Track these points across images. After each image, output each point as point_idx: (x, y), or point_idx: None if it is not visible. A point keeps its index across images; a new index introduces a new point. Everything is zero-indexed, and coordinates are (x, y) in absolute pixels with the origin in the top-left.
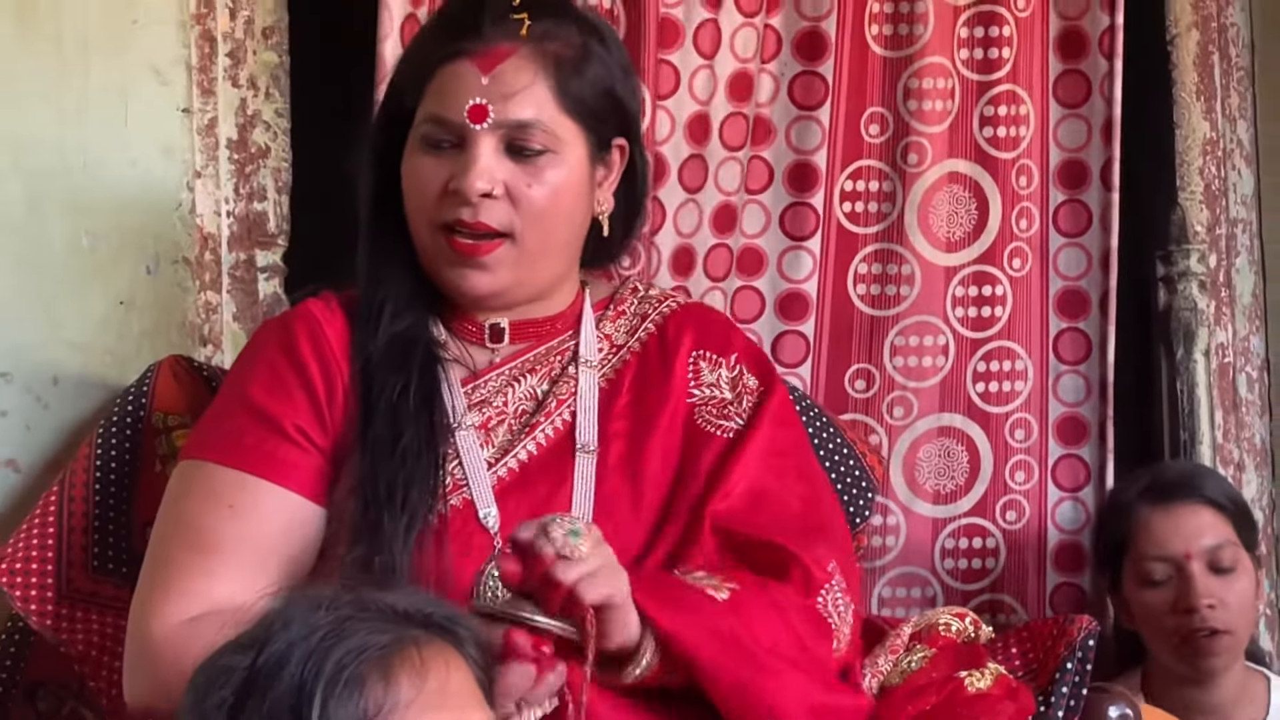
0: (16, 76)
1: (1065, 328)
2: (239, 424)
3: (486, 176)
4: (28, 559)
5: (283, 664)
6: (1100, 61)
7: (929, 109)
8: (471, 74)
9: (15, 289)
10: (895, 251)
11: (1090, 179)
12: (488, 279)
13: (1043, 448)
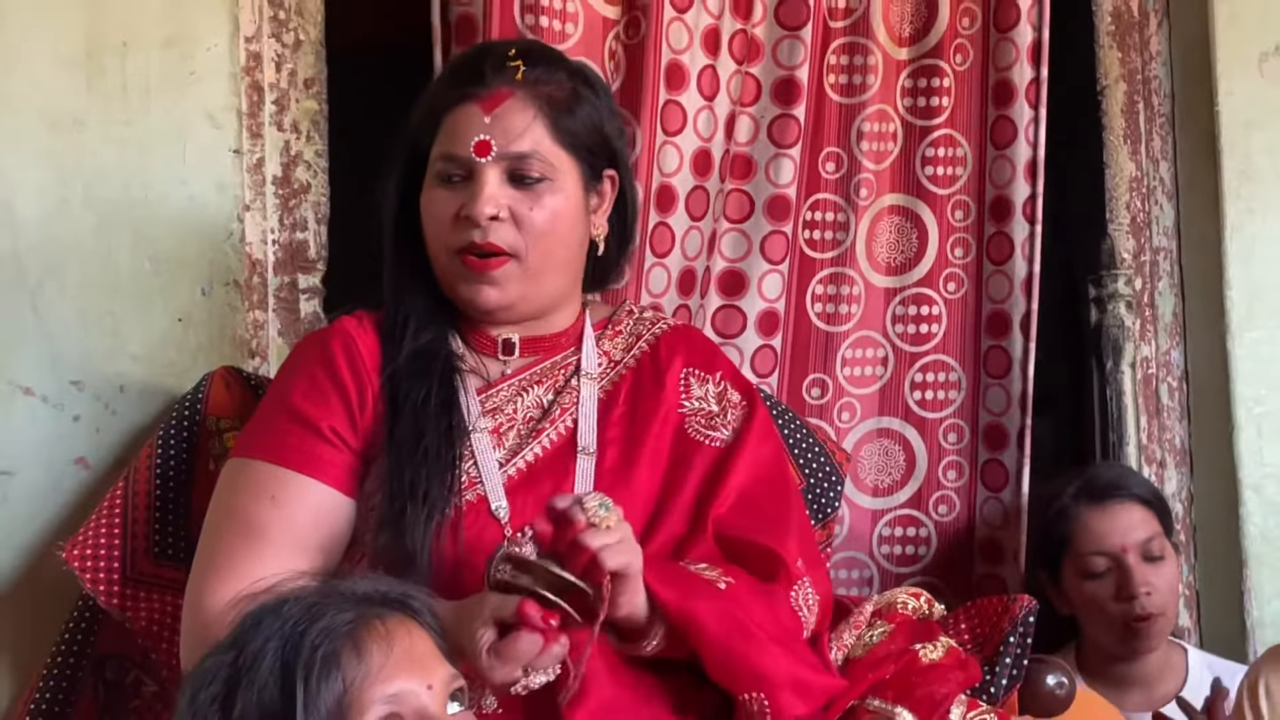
0: (88, 121)
1: (992, 345)
2: (282, 426)
3: (492, 202)
4: (96, 546)
5: (263, 654)
6: (1025, 109)
7: (877, 149)
8: (476, 115)
9: (86, 308)
10: (846, 274)
11: (1014, 213)
12: (497, 293)
13: (973, 451)
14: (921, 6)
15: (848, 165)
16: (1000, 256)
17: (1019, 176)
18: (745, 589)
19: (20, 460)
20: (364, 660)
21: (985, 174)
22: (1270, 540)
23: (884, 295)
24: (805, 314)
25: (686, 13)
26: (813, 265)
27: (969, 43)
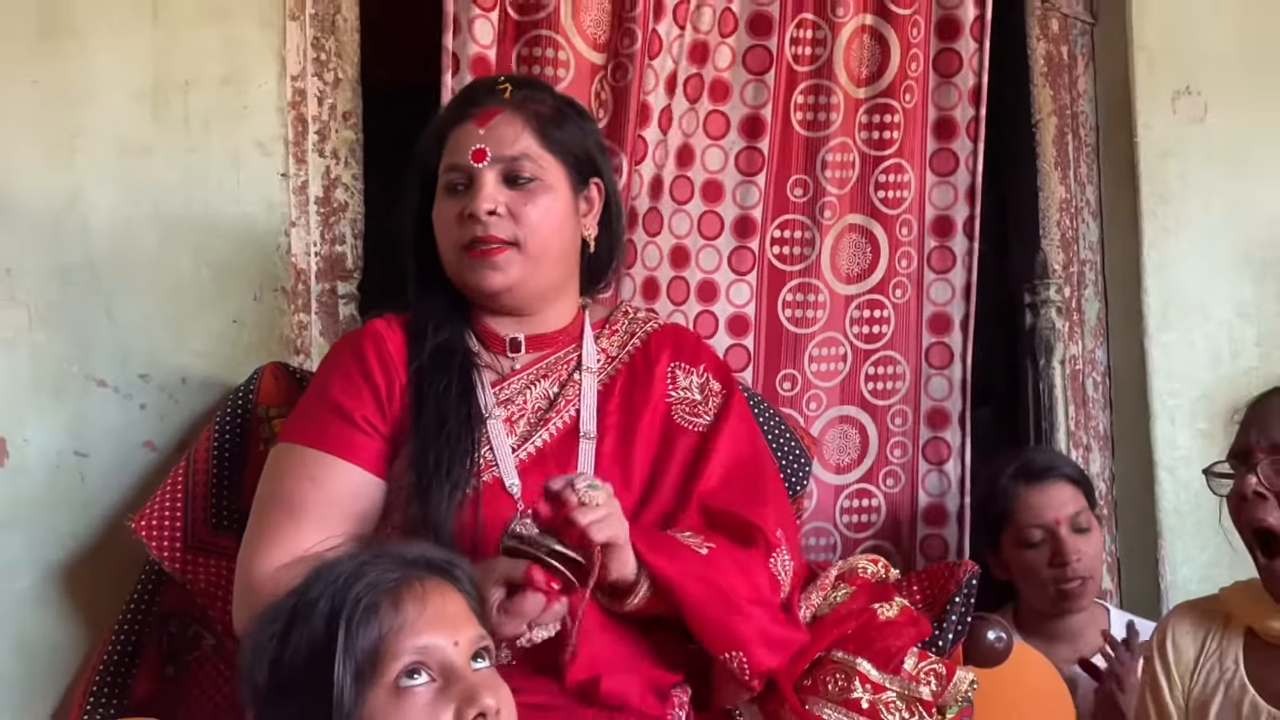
0: (154, 148)
1: (934, 342)
2: (321, 416)
3: (490, 200)
4: (161, 517)
5: (317, 600)
6: (966, 142)
7: (839, 176)
8: (471, 129)
9: (152, 311)
10: (813, 284)
11: (956, 230)
12: (500, 276)
13: (915, 431)
14: (876, 52)
15: (813, 190)
16: (943, 266)
17: (960, 199)
18: (724, 554)
19: (95, 444)
20: (400, 614)
21: (927, 197)
22: (1181, 514)
23: (844, 301)
24: (776, 318)
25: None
26: (782, 276)
27: (916, 84)
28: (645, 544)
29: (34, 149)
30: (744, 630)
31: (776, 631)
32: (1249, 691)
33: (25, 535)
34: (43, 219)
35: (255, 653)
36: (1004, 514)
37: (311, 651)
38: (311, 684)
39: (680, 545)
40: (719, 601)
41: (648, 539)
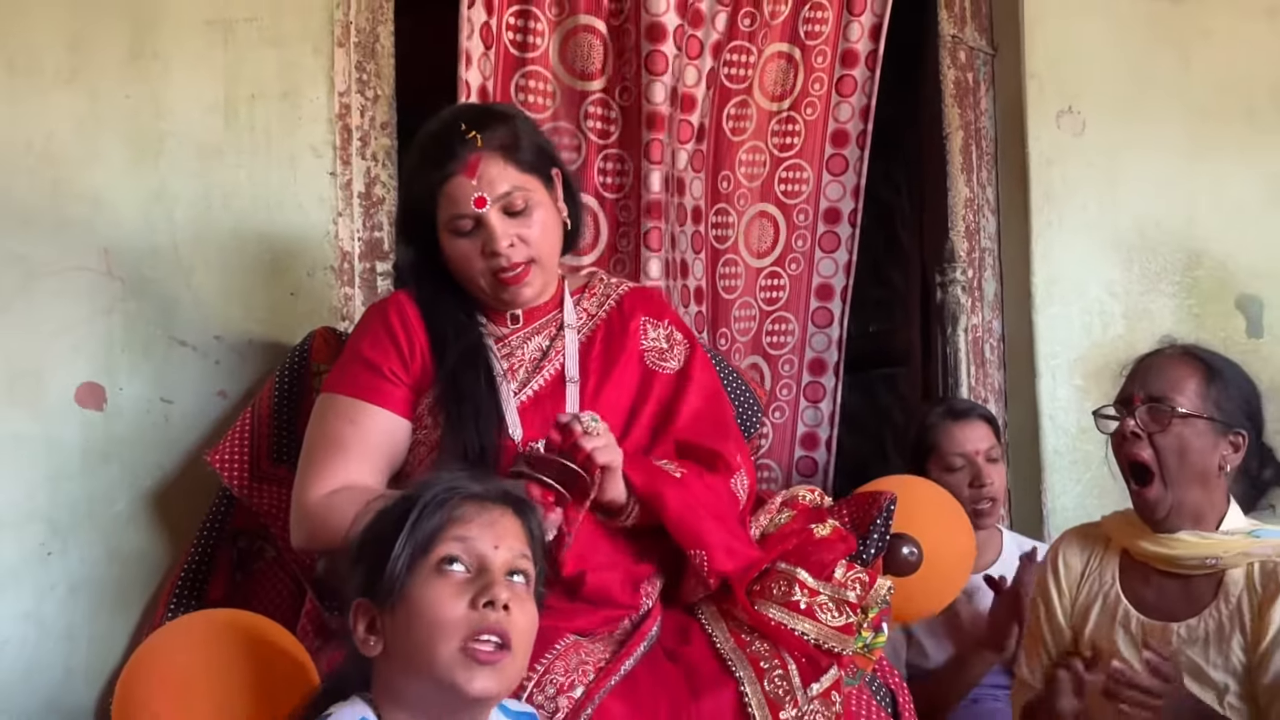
0: (225, 151)
1: (819, 306)
2: (355, 370)
3: (505, 238)
4: (232, 453)
5: (408, 498)
6: (855, 149)
7: (751, 172)
8: (465, 182)
9: (225, 284)
10: (734, 259)
11: (842, 219)
12: (530, 291)
13: (799, 375)
14: (788, 75)
15: (733, 183)
16: (830, 247)
17: (848, 194)
18: (694, 478)
19: (178, 393)
20: (461, 512)
21: (822, 191)
22: (1060, 454)
23: (755, 272)
24: (715, 287)
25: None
26: (718, 254)
27: (819, 101)
28: (633, 468)
29: (127, 151)
30: (709, 536)
31: (734, 544)
32: (1122, 601)
33: (121, 466)
34: (134, 208)
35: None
36: (931, 445)
37: (384, 534)
38: (379, 552)
39: (660, 470)
40: (691, 512)
41: (635, 464)
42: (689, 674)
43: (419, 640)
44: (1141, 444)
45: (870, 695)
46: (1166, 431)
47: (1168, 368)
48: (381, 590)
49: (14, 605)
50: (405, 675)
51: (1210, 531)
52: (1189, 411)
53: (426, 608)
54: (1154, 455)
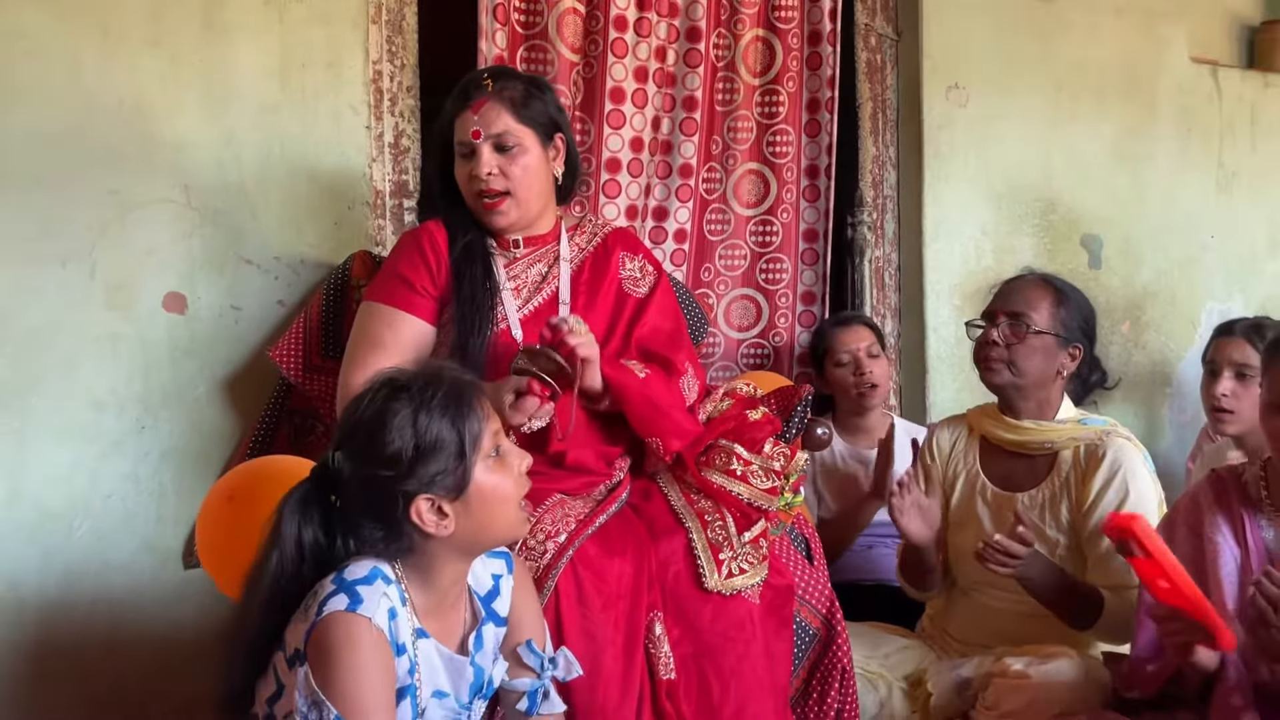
0: (281, 108)
1: (806, 248)
2: (393, 284)
3: (487, 165)
4: (290, 349)
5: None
6: (825, 114)
7: (742, 137)
8: (469, 116)
9: (283, 215)
10: (723, 208)
11: (820, 174)
12: (501, 218)
13: (794, 306)
14: (767, 53)
15: (723, 146)
16: (813, 198)
17: (823, 152)
18: (655, 377)
19: (245, 301)
20: (484, 416)
21: (803, 151)
22: (941, 359)
23: (744, 220)
24: (701, 231)
25: (624, 58)
26: (705, 203)
27: (795, 75)
28: (607, 365)
29: (201, 107)
30: (662, 425)
31: (684, 426)
32: (980, 475)
33: (200, 360)
34: (209, 153)
35: (391, 444)
36: (826, 347)
37: (444, 438)
38: (447, 454)
39: (629, 369)
40: (648, 405)
41: (608, 362)
42: (649, 525)
43: (495, 515)
44: (999, 350)
45: (790, 542)
46: (1021, 343)
47: (1026, 290)
48: (453, 485)
49: (117, 468)
50: (462, 548)
51: (1048, 421)
52: (1040, 329)
53: (497, 488)
54: (1007, 356)
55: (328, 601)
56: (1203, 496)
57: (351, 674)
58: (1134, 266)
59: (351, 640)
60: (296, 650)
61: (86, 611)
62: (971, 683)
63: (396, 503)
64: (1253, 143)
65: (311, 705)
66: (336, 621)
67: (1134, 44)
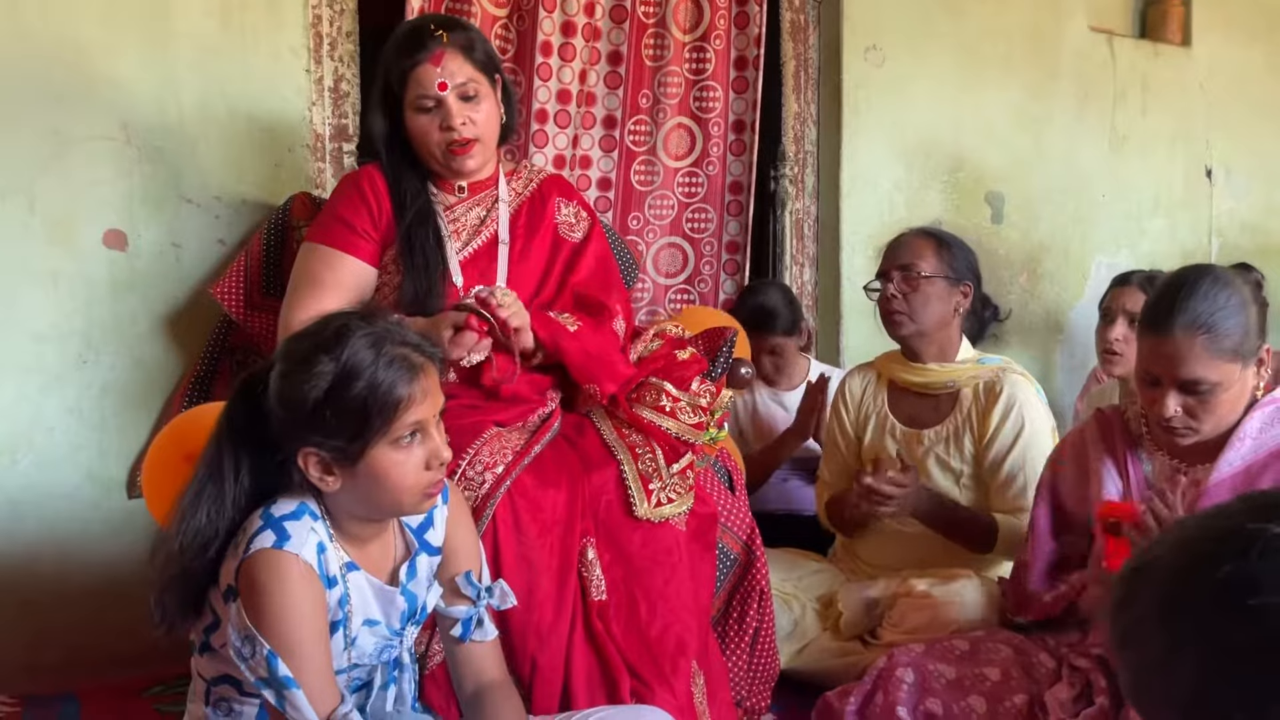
0: (221, 50)
1: (731, 199)
2: (333, 225)
3: (459, 116)
4: (231, 287)
5: (357, 368)
6: (752, 70)
7: (670, 92)
8: (430, 69)
9: (224, 156)
10: (652, 160)
11: (746, 128)
12: (473, 162)
13: (718, 254)
14: (694, 11)
15: (653, 100)
16: (739, 151)
17: (749, 108)
18: (587, 328)
19: (186, 239)
20: (408, 395)
21: (730, 106)
22: (854, 306)
23: (672, 172)
24: (629, 181)
25: (553, 12)
26: (633, 155)
27: (723, 33)
28: (540, 324)
29: (141, 45)
30: (596, 371)
31: (617, 370)
32: (889, 416)
33: (141, 296)
34: (148, 91)
35: (301, 386)
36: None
37: (353, 405)
38: (348, 422)
39: (560, 325)
40: (583, 356)
41: (540, 320)
42: (582, 457)
43: (383, 494)
44: (897, 301)
45: (714, 474)
46: (916, 291)
47: (911, 244)
48: (342, 453)
49: (59, 401)
50: (356, 505)
51: (949, 363)
52: (930, 274)
53: (390, 472)
54: (907, 307)
55: (255, 538)
56: (1089, 433)
57: (281, 609)
58: (1032, 222)
59: (279, 576)
60: (229, 586)
61: (32, 540)
62: (879, 602)
63: (290, 443)
64: (1143, 108)
65: (245, 639)
66: (265, 558)
67: (1038, 13)
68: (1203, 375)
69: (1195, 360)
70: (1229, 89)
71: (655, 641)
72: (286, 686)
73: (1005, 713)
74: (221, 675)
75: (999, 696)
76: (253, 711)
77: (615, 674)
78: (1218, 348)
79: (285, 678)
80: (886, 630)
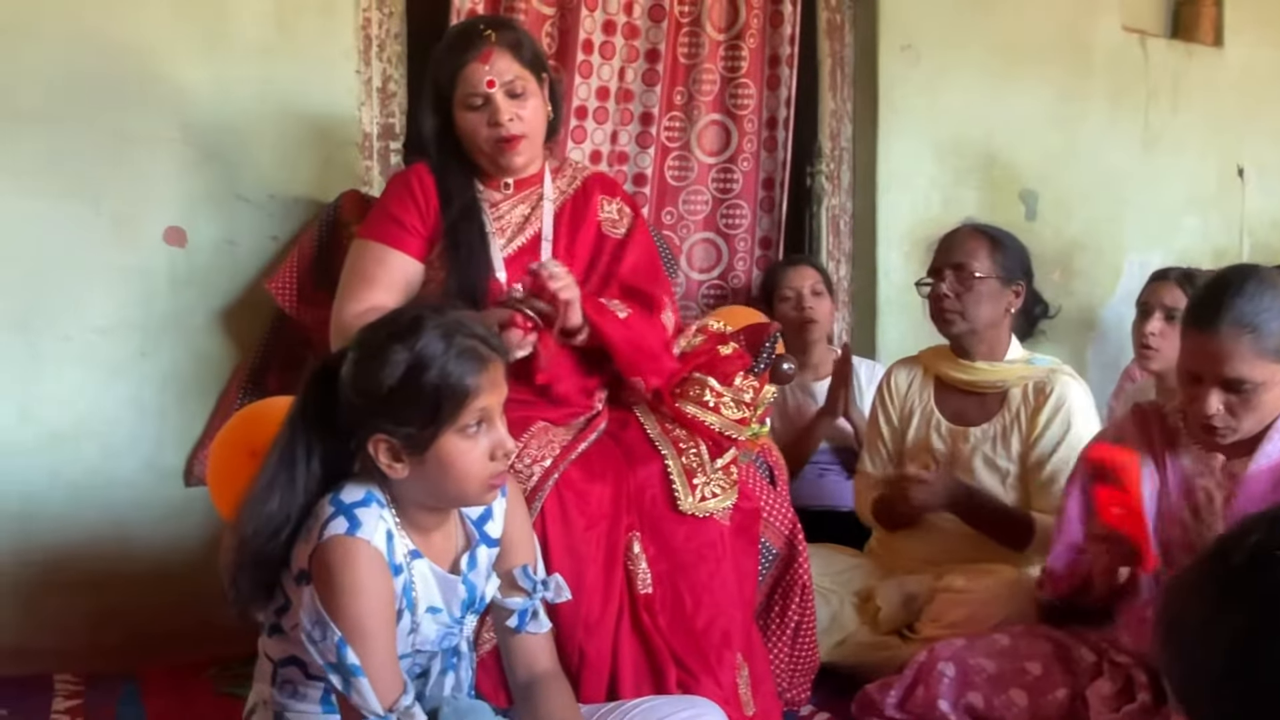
0: (276, 52)
1: (764, 195)
2: (384, 222)
3: (507, 112)
4: (285, 282)
5: (429, 357)
6: (786, 69)
7: (706, 89)
8: (479, 67)
9: (278, 155)
10: (686, 155)
11: (779, 125)
12: (520, 159)
13: (751, 249)
14: (729, 10)
15: (688, 97)
16: (772, 147)
17: (782, 105)
18: (635, 316)
19: (241, 236)
20: (477, 386)
21: (763, 104)
22: (890, 301)
23: (707, 168)
24: (663, 176)
25: (595, 11)
26: (667, 150)
27: (758, 32)
28: (590, 305)
29: (200, 50)
30: (642, 363)
31: (663, 364)
32: (935, 412)
33: (200, 290)
34: (206, 92)
35: (375, 374)
36: (773, 284)
37: (424, 393)
38: (419, 410)
39: (609, 309)
40: (630, 346)
41: (591, 302)
42: (627, 452)
43: (449, 482)
44: (949, 301)
45: (756, 469)
46: (969, 291)
47: (964, 242)
48: (412, 441)
49: (120, 393)
50: (422, 493)
51: (999, 362)
52: (984, 274)
53: (456, 460)
54: (959, 306)
55: (328, 524)
56: (1127, 428)
57: (353, 596)
58: (1065, 219)
59: (351, 563)
60: (301, 570)
61: (93, 526)
62: (917, 597)
63: (362, 430)
64: (1175, 107)
65: (316, 623)
66: (338, 545)
67: (1071, 13)
68: (1247, 375)
69: (1240, 359)
70: (1261, 89)
71: (701, 633)
72: (353, 674)
73: (1046, 707)
74: (288, 657)
75: (1040, 691)
76: (317, 694)
77: (662, 665)
78: (1262, 347)
79: (353, 665)
80: (925, 625)
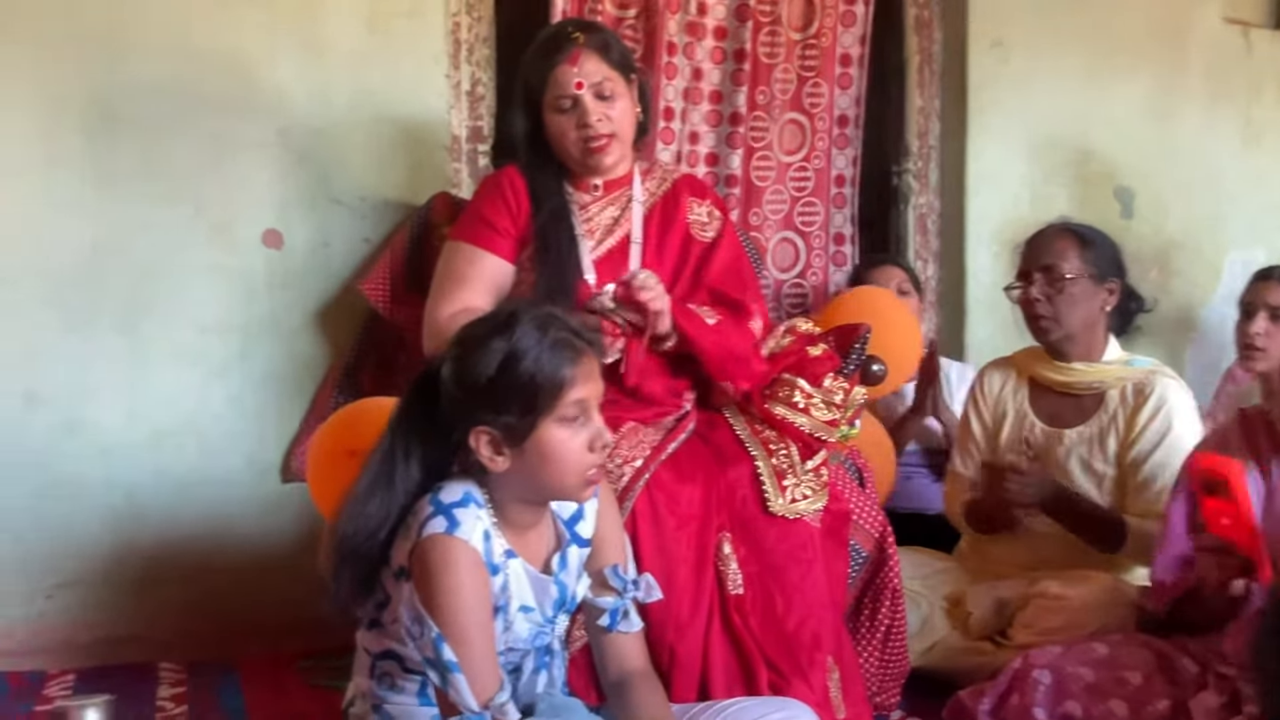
0: (368, 55)
1: (837, 192)
2: (476, 224)
3: (595, 113)
4: (378, 283)
5: (526, 350)
6: (857, 69)
7: (783, 88)
8: (569, 69)
9: (369, 159)
10: (768, 155)
11: (850, 123)
12: (609, 159)
13: (826, 247)
14: (806, 10)
15: (769, 96)
16: (844, 145)
17: (853, 103)
18: (725, 323)
19: (335, 238)
20: (574, 376)
21: (835, 102)
22: (979, 301)
23: (785, 167)
24: (749, 177)
25: (677, 13)
26: (752, 151)
27: (830, 32)
28: (679, 313)
29: (296, 56)
30: (732, 368)
31: (754, 368)
32: (1029, 414)
33: (295, 292)
34: (302, 97)
35: (475, 366)
36: (860, 285)
37: (521, 381)
38: (517, 399)
39: (698, 316)
40: (719, 351)
41: (680, 310)
42: (716, 452)
43: (548, 473)
44: (1041, 304)
45: (845, 470)
46: (1061, 294)
47: (1052, 242)
48: (511, 431)
49: (223, 391)
50: (521, 487)
51: (1095, 363)
52: (1073, 275)
53: (555, 450)
54: (1052, 310)
55: (428, 523)
56: (1232, 433)
57: (451, 595)
58: (1163, 217)
59: (450, 561)
60: (401, 567)
61: (194, 520)
62: (1010, 603)
63: (463, 423)
64: (1278, 101)
65: (414, 620)
66: (437, 543)
67: (1169, 4)
68: None
69: None
70: None
71: (792, 636)
72: (450, 671)
73: (1147, 717)
74: (386, 651)
75: (1141, 701)
76: (414, 688)
77: (753, 666)
78: None
79: (450, 662)
80: (1018, 631)
